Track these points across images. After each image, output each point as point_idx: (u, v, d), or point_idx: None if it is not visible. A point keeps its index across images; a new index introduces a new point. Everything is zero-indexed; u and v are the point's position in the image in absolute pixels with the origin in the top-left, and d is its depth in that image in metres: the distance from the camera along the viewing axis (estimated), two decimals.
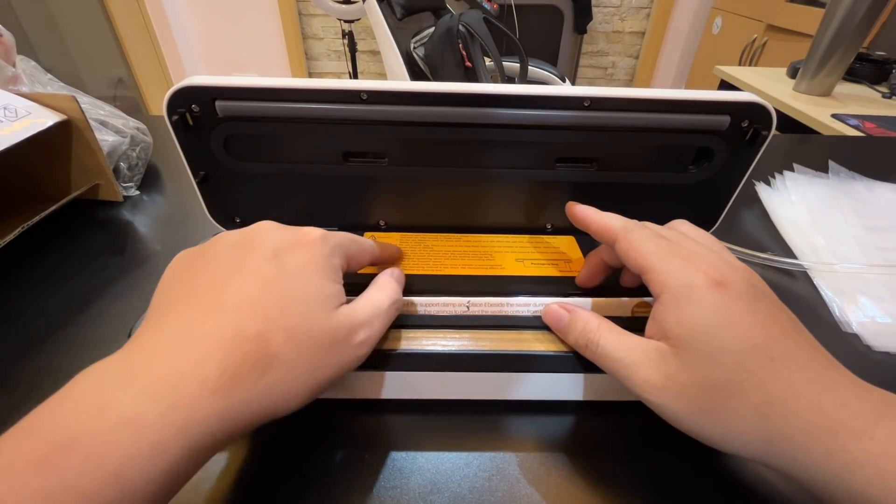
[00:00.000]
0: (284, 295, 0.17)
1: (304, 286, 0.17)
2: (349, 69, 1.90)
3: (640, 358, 0.18)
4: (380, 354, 0.21)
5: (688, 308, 0.17)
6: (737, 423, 0.16)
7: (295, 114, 0.24)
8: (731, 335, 0.16)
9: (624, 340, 0.19)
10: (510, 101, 0.24)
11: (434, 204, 0.29)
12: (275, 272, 0.17)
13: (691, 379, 0.17)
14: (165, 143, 0.45)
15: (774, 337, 0.17)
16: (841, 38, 0.95)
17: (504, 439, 0.22)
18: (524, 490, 0.20)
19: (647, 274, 0.19)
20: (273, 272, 0.17)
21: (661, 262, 0.19)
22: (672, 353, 0.17)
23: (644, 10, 2.16)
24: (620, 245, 0.20)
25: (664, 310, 0.18)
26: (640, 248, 0.19)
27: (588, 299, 0.24)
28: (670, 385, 0.17)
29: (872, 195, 0.42)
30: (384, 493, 0.20)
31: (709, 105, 0.24)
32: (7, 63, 0.38)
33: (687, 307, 0.17)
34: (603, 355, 0.19)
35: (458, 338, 0.22)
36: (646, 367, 0.18)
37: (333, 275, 0.19)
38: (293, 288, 0.17)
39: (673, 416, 0.17)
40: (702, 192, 0.28)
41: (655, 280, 0.19)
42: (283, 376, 0.16)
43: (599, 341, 0.20)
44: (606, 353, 0.19)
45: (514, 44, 1.22)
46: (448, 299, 0.24)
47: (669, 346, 0.18)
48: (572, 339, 0.21)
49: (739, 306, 0.17)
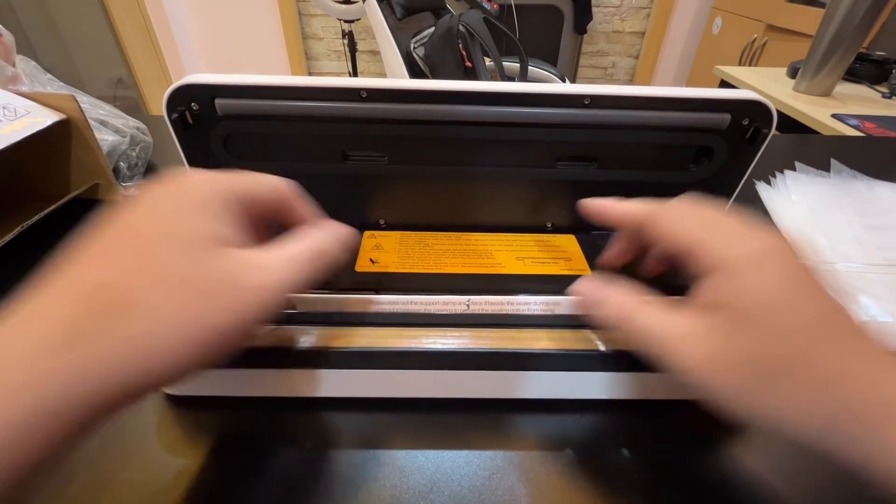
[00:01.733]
0: (143, 236, 0.15)
1: (170, 225, 0.16)
2: (349, 69, 1.90)
3: (682, 332, 0.17)
4: (380, 353, 0.21)
5: (745, 279, 0.16)
6: (796, 398, 0.15)
7: (295, 112, 0.24)
8: (793, 305, 0.15)
9: (664, 315, 0.18)
10: (510, 98, 0.24)
11: (434, 202, 0.29)
12: (133, 217, 0.16)
13: (747, 352, 0.15)
14: (165, 142, 0.45)
15: (834, 309, 0.15)
16: (841, 38, 0.95)
17: (504, 438, 0.22)
18: (524, 489, 0.20)
19: (695, 251, 0.17)
20: (131, 217, 0.16)
21: (709, 237, 0.17)
22: (724, 327, 0.16)
23: (644, 10, 2.16)
24: (658, 228, 0.19)
25: (717, 284, 0.16)
26: (682, 226, 0.18)
27: None
28: (720, 360, 0.16)
29: (873, 194, 0.42)
30: (384, 491, 0.20)
31: (709, 103, 0.24)
32: (7, 63, 0.38)
33: (744, 278, 0.16)
34: (639, 330, 0.18)
35: (458, 336, 0.22)
36: (690, 341, 0.16)
37: (219, 214, 0.16)
38: (154, 229, 0.15)
39: (719, 393, 0.16)
40: (702, 190, 0.28)
41: (704, 255, 0.17)
42: (149, 326, 0.14)
43: (636, 315, 0.18)
44: (643, 328, 0.18)
45: (514, 44, 1.22)
46: (448, 298, 0.24)
47: (721, 321, 0.16)
48: (604, 313, 0.19)
49: (799, 276, 0.16)
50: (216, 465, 0.21)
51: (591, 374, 0.22)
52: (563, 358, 0.22)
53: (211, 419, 0.22)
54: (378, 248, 0.28)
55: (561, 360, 0.22)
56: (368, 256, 0.27)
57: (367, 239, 0.28)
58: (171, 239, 0.15)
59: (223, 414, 0.23)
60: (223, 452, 0.21)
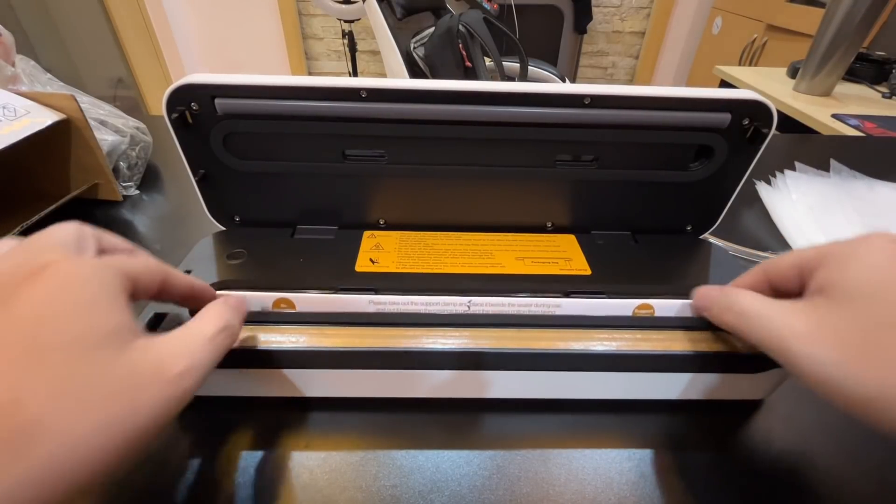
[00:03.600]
0: (32, 343, 0.13)
1: (70, 325, 0.13)
2: (349, 69, 1.90)
3: (784, 310, 0.17)
4: (380, 353, 0.21)
5: (849, 263, 0.17)
6: None
7: (295, 111, 0.24)
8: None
9: (767, 299, 0.18)
10: (510, 98, 0.24)
11: (434, 202, 0.29)
12: (23, 317, 0.13)
13: (851, 322, 0.15)
14: (165, 142, 0.45)
15: None
16: (841, 38, 0.95)
17: (504, 437, 0.22)
18: (524, 489, 0.20)
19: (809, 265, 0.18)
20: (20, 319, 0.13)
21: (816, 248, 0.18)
22: (829, 304, 0.16)
23: (644, 10, 2.16)
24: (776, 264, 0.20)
25: (821, 276, 0.17)
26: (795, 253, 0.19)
27: (590, 300, 0.24)
28: (822, 331, 0.16)
29: (873, 194, 0.42)
30: (384, 491, 0.20)
31: (709, 103, 0.24)
32: (6, 63, 0.38)
33: (848, 262, 0.17)
34: (741, 311, 0.19)
35: (459, 336, 0.22)
36: (791, 315, 0.17)
37: (116, 299, 0.15)
38: (44, 332, 0.13)
39: (820, 366, 0.16)
40: (702, 190, 0.28)
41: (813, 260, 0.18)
42: (64, 443, 0.12)
43: (739, 298, 0.19)
44: (744, 308, 0.18)
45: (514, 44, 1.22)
46: (448, 298, 0.24)
47: (825, 300, 0.17)
48: (716, 311, 0.20)
49: None
50: (216, 464, 0.21)
51: (592, 374, 0.22)
52: (564, 358, 0.22)
53: (210, 419, 0.22)
54: (378, 248, 0.28)
55: (561, 359, 0.22)
56: (368, 256, 0.27)
57: (367, 239, 0.28)
58: (73, 343, 0.13)
59: (223, 414, 0.23)
60: (222, 452, 0.21)
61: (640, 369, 0.22)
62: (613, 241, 0.29)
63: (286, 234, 0.29)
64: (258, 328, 0.22)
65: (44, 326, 0.13)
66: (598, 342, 0.22)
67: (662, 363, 0.22)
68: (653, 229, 0.30)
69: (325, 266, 0.26)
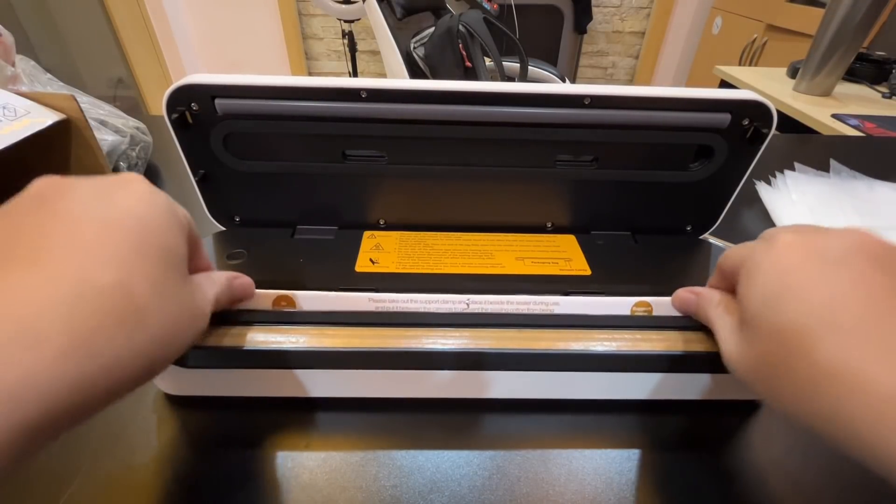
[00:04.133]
0: (142, 241, 0.14)
1: (162, 238, 0.15)
2: (349, 69, 1.90)
3: (726, 333, 0.19)
4: (380, 353, 0.21)
5: (746, 281, 0.17)
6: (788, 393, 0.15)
7: (294, 112, 0.24)
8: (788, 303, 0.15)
9: (727, 317, 0.19)
10: (510, 99, 0.24)
11: (434, 202, 0.29)
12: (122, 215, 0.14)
13: (754, 345, 0.17)
14: (165, 142, 0.45)
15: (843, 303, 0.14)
16: (841, 38, 0.95)
17: (504, 438, 0.22)
18: (524, 489, 0.20)
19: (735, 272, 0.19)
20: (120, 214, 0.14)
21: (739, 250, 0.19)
22: (742, 321, 0.17)
23: (644, 10, 2.16)
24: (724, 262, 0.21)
25: (740, 289, 0.18)
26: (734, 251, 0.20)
27: (586, 298, 0.24)
28: (742, 354, 0.17)
29: (873, 194, 0.42)
30: (384, 491, 0.20)
31: (709, 103, 0.24)
32: (6, 63, 0.38)
33: (745, 280, 0.17)
34: (714, 332, 0.20)
35: (458, 336, 0.22)
36: (728, 340, 0.18)
37: (182, 233, 0.16)
38: (151, 236, 0.14)
39: (752, 385, 0.17)
40: (702, 190, 0.28)
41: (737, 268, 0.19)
42: (155, 336, 0.14)
43: (716, 320, 0.20)
44: (714, 330, 0.20)
45: (514, 44, 1.22)
46: (448, 297, 0.24)
47: (741, 316, 0.18)
48: (702, 318, 0.21)
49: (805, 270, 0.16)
50: (216, 464, 0.21)
51: (591, 374, 0.22)
52: (563, 358, 0.22)
53: (210, 419, 0.22)
54: (378, 248, 0.28)
55: (561, 360, 0.22)
56: (368, 256, 0.27)
57: (367, 239, 0.28)
58: (165, 253, 0.15)
59: (223, 414, 0.23)
60: (222, 452, 0.21)
61: (639, 370, 0.22)
62: (613, 241, 0.29)
63: (286, 234, 0.29)
64: (258, 328, 0.22)
65: (146, 229, 0.14)
66: (598, 342, 0.22)
67: (662, 364, 0.22)
68: (653, 229, 0.30)
69: (325, 266, 0.26)
